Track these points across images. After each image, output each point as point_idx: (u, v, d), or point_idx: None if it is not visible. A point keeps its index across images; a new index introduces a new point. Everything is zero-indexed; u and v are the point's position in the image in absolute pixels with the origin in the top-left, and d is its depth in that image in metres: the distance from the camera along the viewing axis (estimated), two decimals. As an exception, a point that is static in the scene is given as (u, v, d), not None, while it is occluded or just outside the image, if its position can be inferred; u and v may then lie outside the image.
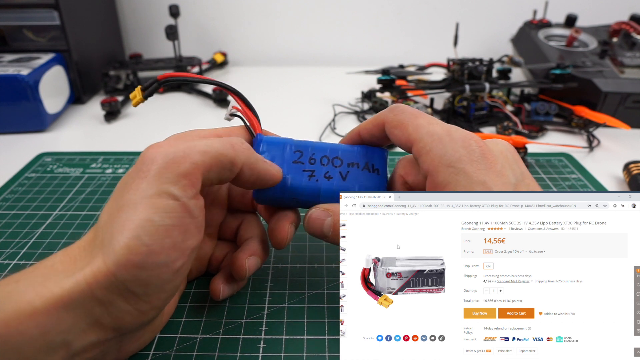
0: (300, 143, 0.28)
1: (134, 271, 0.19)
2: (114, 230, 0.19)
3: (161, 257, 0.19)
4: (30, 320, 0.18)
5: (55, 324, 0.19)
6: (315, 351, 0.26)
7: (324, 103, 0.62)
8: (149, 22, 0.79)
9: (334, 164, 0.28)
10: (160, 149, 0.21)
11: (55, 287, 0.19)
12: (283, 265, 0.32)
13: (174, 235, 0.20)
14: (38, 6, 0.56)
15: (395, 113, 0.26)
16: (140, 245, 0.19)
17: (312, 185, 0.27)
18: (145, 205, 0.19)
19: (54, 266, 0.20)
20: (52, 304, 0.18)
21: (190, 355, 0.25)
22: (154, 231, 0.19)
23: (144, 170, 0.20)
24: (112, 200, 0.21)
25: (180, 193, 0.20)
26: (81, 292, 0.19)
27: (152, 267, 0.19)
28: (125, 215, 0.19)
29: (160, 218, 0.19)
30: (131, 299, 0.20)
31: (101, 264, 0.19)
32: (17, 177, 0.44)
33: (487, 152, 0.23)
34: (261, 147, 0.27)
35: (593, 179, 0.43)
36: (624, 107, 0.54)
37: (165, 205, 0.19)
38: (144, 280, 0.19)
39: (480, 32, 0.80)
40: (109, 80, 0.65)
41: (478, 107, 0.55)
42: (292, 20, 0.80)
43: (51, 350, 0.19)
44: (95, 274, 0.19)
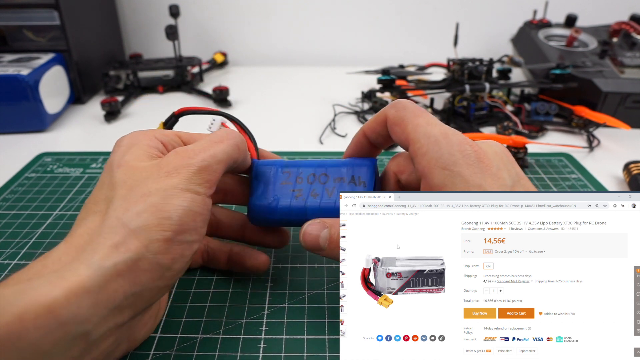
0: (290, 163, 0.30)
1: (166, 245, 0.22)
2: (142, 212, 0.21)
3: (187, 235, 0.23)
4: (48, 313, 0.18)
5: (75, 314, 0.19)
6: (315, 351, 0.26)
7: (324, 103, 0.62)
8: (149, 22, 0.79)
9: (320, 181, 0.28)
10: (188, 155, 0.24)
11: (73, 276, 0.19)
12: (283, 265, 0.32)
13: (197, 221, 0.23)
14: (38, 6, 0.56)
15: (397, 109, 0.26)
16: (172, 224, 0.22)
17: (299, 205, 0.28)
18: (176, 195, 0.23)
19: (61, 260, 0.20)
20: (72, 292, 0.19)
21: (190, 355, 0.25)
22: (183, 214, 0.22)
23: (172, 172, 0.23)
24: (124, 191, 0.22)
25: (204, 191, 0.24)
26: (104, 272, 0.20)
27: (179, 243, 0.22)
28: (154, 200, 0.22)
29: (189, 205, 0.23)
30: (155, 273, 0.22)
31: (128, 240, 0.21)
32: (17, 177, 0.44)
33: (482, 156, 0.24)
34: (254, 172, 0.29)
35: (593, 179, 0.43)
36: (624, 107, 0.54)
37: (193, 197, 0.23)
38: (172, 254, 0.22)
39: (480, 32, 0.80)
40: (109, 80, 0.65)
41: (478, 107, 0.55)
42: (292, 20, 0.80)
43: (69, 342, 0.19)
44: (120, 252, 0.20)
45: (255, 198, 0.28)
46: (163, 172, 0.23)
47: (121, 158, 0.24)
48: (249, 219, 0.29)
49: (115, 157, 0.24)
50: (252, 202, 0.28)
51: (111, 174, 0.24)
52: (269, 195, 0.28)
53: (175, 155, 0.24)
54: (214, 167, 0.24)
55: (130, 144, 0.25)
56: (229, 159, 0.25)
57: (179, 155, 0.24)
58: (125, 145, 0.25)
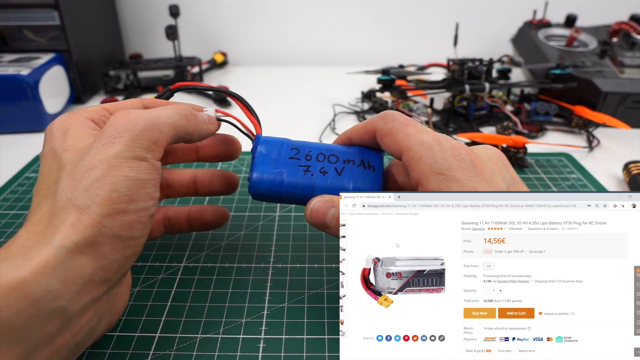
0: (297, 142, 0.29)
1: (119, 217, 0.22)
2: (89, 188, 0.21)
3: (140, 203, 0.23)
4: (17, 292, 0.18)
5: (45, 292, 0.19)
6: (315, 351, 0.26)
7: (324, 103, 0.62)
8: (149, 22, 0.79)
9: (329, 161, 0.28)
10: (129, 118, 0.23)
11: (38, 256, 0.19)
12: (283, 265, 0.32)
13: (147, 187, 0.23)
14: (38, 6, 0.56)
15: (386, 121, 0.26)
16: (121, 196, 0.22)
17: (307, 180, 0.27)
18: (120, 165, 0.22)
19: (24, 245, 0.20)
20: (39, 272, 0.19)
21: (190, 355, 0.25)
22: (131, 184, 0.22)
23: (115, 137, 0.22)
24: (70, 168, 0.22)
25: (150, 156, 0.23)
26: (67, 251, 0.20)
27: (133, 212, 0.22)
28: (99, 173, 0.22)
29: (135, 174, 0.22)
30: (118, 245, 0.22)
31: (82, 218, 0.21)
32: (17, 177, 0.44)
33: (476, 160, 0.24)
34: (259, 145, 0.28)
35: (593, 179, 0.43)
36: (623, 107, 0.54)
37: (138, 165, 0.23)
38: (129, 224, 0.22)
39: (480, 32, 0.80)
40: (109, 80, 0.65)
41: (478, 107, 0.55)
42: (292, 20, 0.80)
43: (44, 318, 0.19)
44: (78, 230, 0.20)
45: (260, 170, 0.27)
46: (105, 140, 0.22)
47: (63, 144, 0.24)
48: (250, 191, 0.28)
49: (54, 143, 0.24)
50: (257, 174, 0.27)
51: (58, 159, 0.23)
52: (275, 168, 0.27)
53: (115, 119, 0.23)
54: (160, 127, 0.24)
55: (64, 129, 0.25)
56: (175, 124, 0.25)
57: (119, 119, 0.23)
58: (60, 131, 0.24)
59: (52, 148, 0.24)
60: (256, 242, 0.35)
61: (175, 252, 0.33)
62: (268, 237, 0.35)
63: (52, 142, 0.24)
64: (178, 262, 0.32)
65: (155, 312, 0.28)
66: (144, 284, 0.30)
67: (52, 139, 0.24)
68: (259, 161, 0.28)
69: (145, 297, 0.29)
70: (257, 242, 0.35)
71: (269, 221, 0.37)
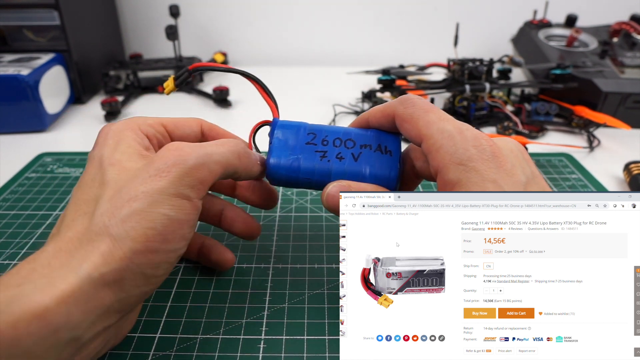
0: (314, 126, 0.29)
1: (150, 256, 0.21)
2: (127, 220, 0.21)
3: (172, 244, 0.22)
4: (40, 321, 0.18)
5: (66, 321, 0.19)
6: (316, 351, 0.26)
7: (324, 103, 0.62)
8: (149, 22, 0.79)
9: (346, 146, 0.28)
10: (181, 153, 0.22)
11: (63, 284, 0.19)
12: (283, 265, 0.32)
13: (184, 228, 0.22)
14: (38, 6, 0.56)
15: (406, 106, 0.25)
16: (157, 234, 0.21)
17: (323, 166, 0.27)
18: (162, 201, 0.21)
19: (50, 264, 0.20)
20: (62, 300, 0.19)
21: (190, 355, 0.25)
22: (169, 224, 0.21)
23: (163, 170, 0.22)
24: (112, 192, 0.22)
25: (194, 195, 0.23)
26: (93, 282, 0.20)
27: (165, 252, 0.22)
28: (139, 206, 0.21)
29: (175, 214, 0.22)
30: (140, 281, 0.21)
31: (114, 250, 0.20)
32: (17, 177, 0.44)
33: (498, 152, 0.23)
34: (276, 129, 0.28)
35: (593, 179, 0.43)
36: (624, 107, 0.54)
37: (181, 204, 0.22)
38: (156, 264, 0.22)
39: (480, 32, 0.80)
40: (109, 80, 0.65)
41: (478, 107, 0.55)
42: (292, 20, 0.80)
43: (62, 347, 0.19)
44: (107, 262, 0.20)
45: (277, 155, 0.27)
46: (152, 171, 0.22)
47: (112, 155, 0.24)
48: (267, 176, 0.28)
49: (104, 151, 0.24)
50: (274, 159, 0.27)
51: (102, 172, 0.23)
52: (292, 154, 0.27)
53: (166, 151, 0.22)
54: (210, 166, 0.23)
55: (118, 139, 0.24)
56: (227, 163, 0.24)
57: (171, 152, 0.22)
58: (113, 139, 0.24)
59: (100, 155, 0.24)
60: (256, 242, 0.35)
61: (176, 252, 0.33)
62: (268, 237, 0.35)
63: (103, 148, 0.24)
64: (178, 263, 0.32)
65: (156, 313, 0.28)
66: (144, 284, 0.30)
67: (104, 146, 0.24)
68: (275, 146, 0.28)
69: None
70: (257, 242, 0.35)
71: (269, 221, 0.37)
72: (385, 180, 0.27)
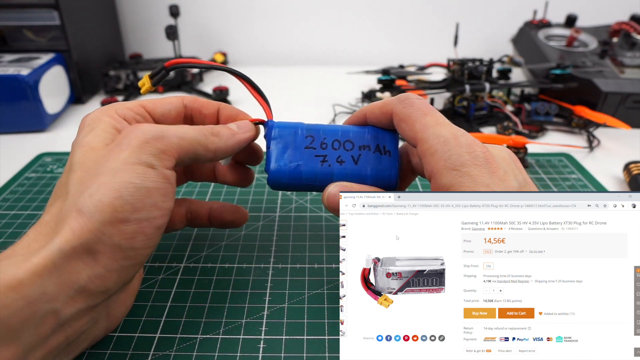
0: (311, 127, 0.28)
1: (120, 226, 0.21)
2: (94, 193, 0.21)
3: (143, 212, 0.22)
4: (14, 293, 0.19)
5: (40, 293, 0.19)
6: (315, 351, 0.26)
7: (324, 103, 0.62)
8: (149, 22, 0.79)
9: (345, 148, 0.28)
10: (142, 127, 0.23)
11: (36, 258, 0.19)
12: (283, 265, 0.32)
13: (154, 196, 0.22)
14: (38, 6, 0.56)
15: (404, 105, 0.26)
16: (124, 204, 0.21)
17: (325, 171, 0.27)
18: (126, 170, 0.22)
19: (30, 246, 0.21)
20: (36, 273, 0.19)
21: (190, 355, 0.25)
22: (135, 191, 0.21)
23: (125, 144, 0.22)
24: (80, 172, 0.22)
25: (158, 163, 0.23)
26: (64, 255, 0.20)
27: (136, 221, 0.22)
28: (105, 179, 0.21)
29: (140, 181, 0.22)
30: (117, 255, 0.21)
31: (83, 224, 0.20)
32: (17, 177, 0.44)
33: (491, 158, 0.23)
34: (273, 133, 0.28)
35: (593, 179, 0.43)
36: (624, 107, 0.54)
37: (144, 171, 0.22)
38: (130, 234, 0.22)
39: (480, 32, 0.80)
40: (109, 80, 0.65)
41: (478, 107, 0.55)
42: (292, 20, 0.80)
43: (39, 319, 0.19)
44: (77, 235, 0.20)
45: (277, 162, 0.27)
46: (114, 147, 0.22)
47: (82, 139, 0.24)
48: (268, 183, 0.28)
49: (78, 137, 0.24)
50: (275, 166, 0.27)
51: (72, 155, 0.24)
52: (292, 160, 0.27)
53: (129, 128, 0.23)
54: (170, 138, 0.23)
55: (92, 124, 0.25)
56: (190, 138, 0.24)
57: (131, 128, 0.23)
58: (88, 125, 0.25)
59: (75, 141, 0.24)
60: (256, 243, 0.35)
61: (175, 252, 0.33)
62: (268, 237, 0.35)
63: (78, 136, 0.25)
64: (178, 263, 0.32)
65: (155, 313, 0.28)
66: (144, 285, 0.30)
67: (80, 133, 0.25)
68: (274, 152, 0.27)
69: (145, 298, 0.29)
70: (257, 243, 0.35)
71: (269, 221, 0.37)
72: (386, 180, 0.27)
